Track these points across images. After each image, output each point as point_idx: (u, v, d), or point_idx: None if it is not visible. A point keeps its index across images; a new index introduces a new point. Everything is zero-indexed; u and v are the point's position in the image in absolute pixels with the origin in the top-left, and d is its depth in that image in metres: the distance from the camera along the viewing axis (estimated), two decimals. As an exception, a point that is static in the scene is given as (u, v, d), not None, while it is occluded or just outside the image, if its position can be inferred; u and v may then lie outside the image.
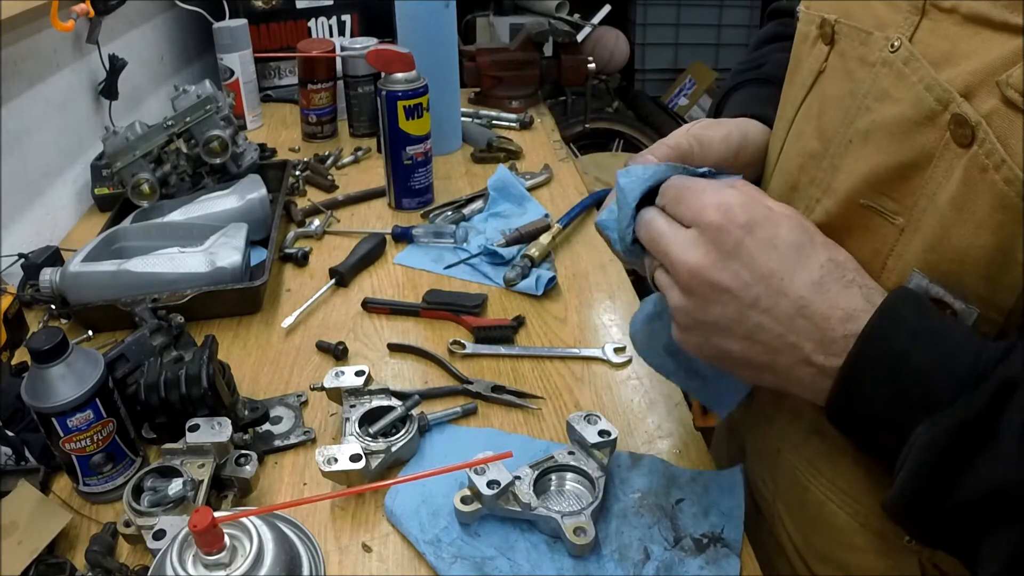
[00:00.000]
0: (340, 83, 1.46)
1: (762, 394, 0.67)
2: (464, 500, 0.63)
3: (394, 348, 0.88)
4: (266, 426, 0.75)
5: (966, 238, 0.45)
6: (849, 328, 0.47)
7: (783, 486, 0.65)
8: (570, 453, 0.67)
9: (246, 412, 0.73)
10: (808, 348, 0.48)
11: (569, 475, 0.67)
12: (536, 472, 0.65)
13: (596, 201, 1.19)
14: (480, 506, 0.62)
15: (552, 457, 0.66)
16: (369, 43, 1.36)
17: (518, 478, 0.63)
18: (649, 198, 0.56)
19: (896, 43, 0.49)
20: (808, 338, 0.48)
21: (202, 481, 0.63)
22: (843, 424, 0.49)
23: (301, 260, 1.06)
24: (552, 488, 0.66)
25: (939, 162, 0.46)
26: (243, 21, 1.50)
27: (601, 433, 0.66)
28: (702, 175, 0.57)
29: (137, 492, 0.63)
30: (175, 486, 0.62)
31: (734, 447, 0.76)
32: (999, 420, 0.40)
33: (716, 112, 0.77)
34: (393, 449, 0.69)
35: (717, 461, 0.73)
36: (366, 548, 0.64)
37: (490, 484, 0.61)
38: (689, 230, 0.52)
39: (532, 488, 0.63)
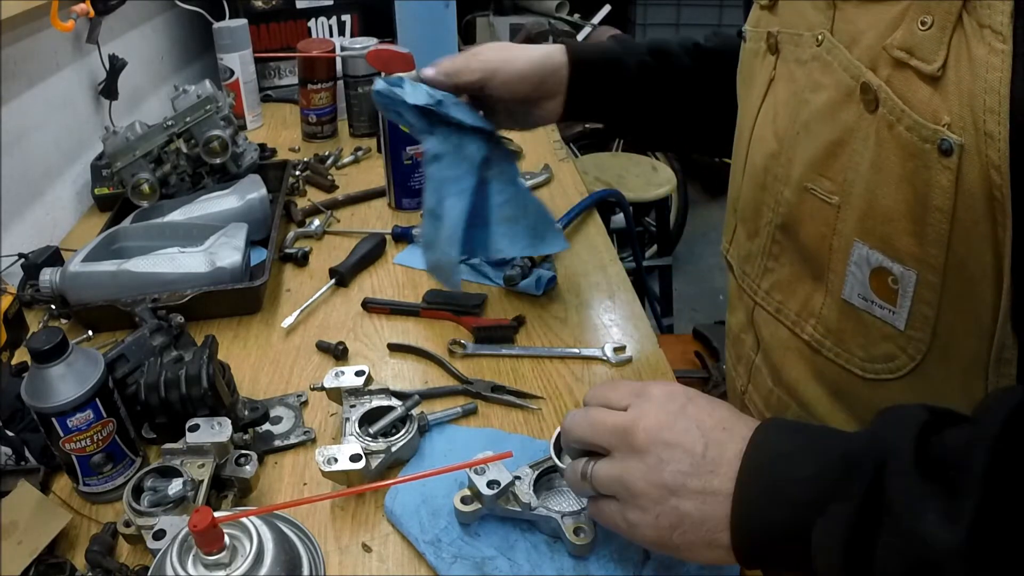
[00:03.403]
0: (340, 83, 1.46)
1: None
2: (464, 500, 0.63)
3: (394, 348, 0.88)
4: (266, 426, 0.75)
5: (890, 195, 0.49)
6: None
7: None
8: (570, 453, 0.67)
9: (246, 412, 0.73)
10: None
11: (569, 475, 0.67)
12: (536, 472, 0.64)
13: (596, 201, 1.19)
14: (480, 506, 0.62)
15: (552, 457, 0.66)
16: (369, 43, 1.36)
17: (518, 478, 0.63)
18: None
19: (820, 37, 0.56)
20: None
21: (202, 481, 0.63)
22: (754, 555, 0.48)
23: (301, 260, 1.06)
24: (552, 488, 0.66)
25: (857, 133, 0.52)
26: (243, 21, 1.49)
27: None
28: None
29: (137, 492, 0.63)
30: (175, 486, 0.62)
31: None
32: (882, 497, 0.42)
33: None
34: (393, 449, 0.69)
35: None
36: (366, 548, 0.64)
37: (490, 484, 0.61)
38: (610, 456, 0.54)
39: (532, 488, 0.63)
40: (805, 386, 0.63)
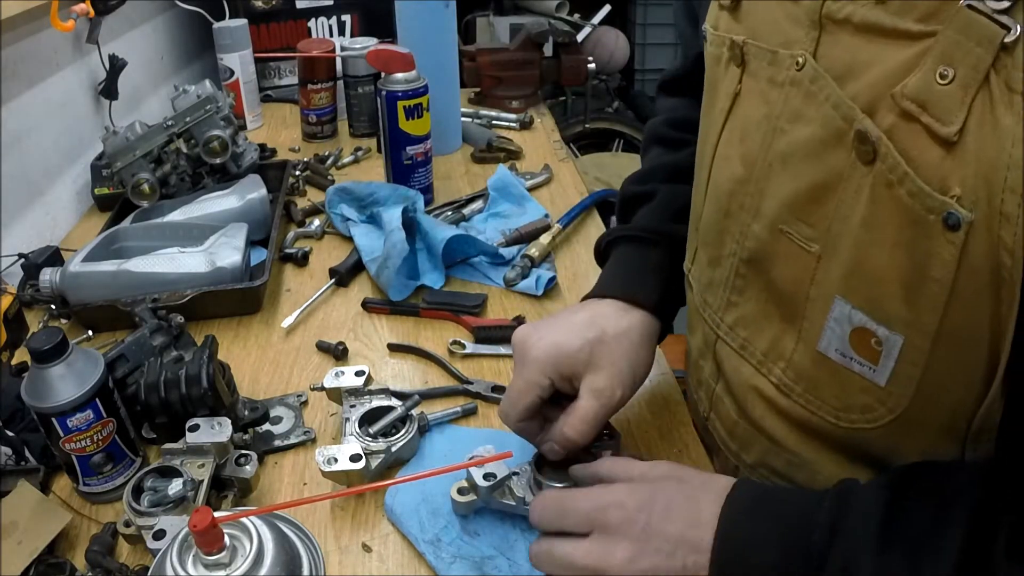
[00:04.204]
0: (340, 83, 1.46)
1: None
2: (460, 491, 0.63)
3: (394, 348, 0.88)
4: (266, 426, 0.75)
5: (882, 258, 0.44)
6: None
7: None
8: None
9: (246, 412, 0.73)
10: None
11: (569, 475, 0.67)
12: (533, 461, 0.64)
13: (596, 201, 1.19)
14: (475, 498, 0.63)
15: (552, 457, 0.66)
16: (369, 43, 1.36)
17: (516, 473, 0.64)
18: None
19: (801, 60, 0.49)
20: None
21: (202, 481, 0.63)
22: None
23: (301, 260, 1.06)
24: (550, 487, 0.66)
25: (848, 183, 0.46)
26: (243, 21, 1.49)
27: (603, 433, 0.66)
28: None
29: (137, 492, 0.63)
30: (175, 486, 0.62)
31: None
32: None
33: (601, 258, 0.79)
34: (393, 449, 0.69)
35: None
36: (366, 548, 0.64)
37: (486, 476, 0.62)
38: (588, 538, 0.52)
39: (530, 484, 0.63)
40: (772, 423, 0.58)
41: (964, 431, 0.46)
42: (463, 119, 1.46)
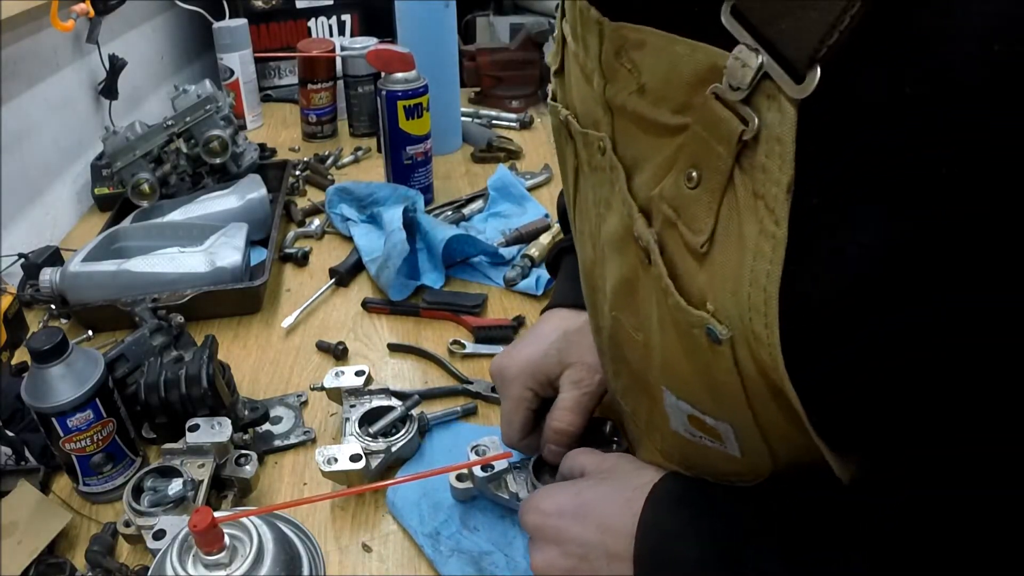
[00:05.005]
0: (340, 83, 1.46)
1: None
2: (459, 477, 0.65)
3: (394, 348, 0.88)
4: (266, 426, 0.75)
5: (680, 361, 0.41)
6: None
7: None
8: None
9: (246, 412, 0.73)
10: None
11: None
12: (532, 465, 0.65)
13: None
14: (471, 485, 0.64)
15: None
16: (369, 43, 1.36)
17: (516, 467, 0.64)
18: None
19: (602, 145, 0.44)
20: None
21: (202, 481, 0.63)
22: None
23: (301, 260, 1.06)
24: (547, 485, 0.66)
25: (642, 282, 0.43)
26: (243, 21, 1.49)
27: (613, 439, 0.66)
28: None
29: (137, 492, 0.63)
30: (175, 486, 0.62)
31: None
32: None
33: (552, 267, 0.79)
34: (393, 449, 0.69)
35: None
36: (366, 548, 0.64)
37: (484, 467, 0.63)
38: (531, 540, 0.54)
39: (529, 482, 0.63)
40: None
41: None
42: (463, 119, 1.46)
